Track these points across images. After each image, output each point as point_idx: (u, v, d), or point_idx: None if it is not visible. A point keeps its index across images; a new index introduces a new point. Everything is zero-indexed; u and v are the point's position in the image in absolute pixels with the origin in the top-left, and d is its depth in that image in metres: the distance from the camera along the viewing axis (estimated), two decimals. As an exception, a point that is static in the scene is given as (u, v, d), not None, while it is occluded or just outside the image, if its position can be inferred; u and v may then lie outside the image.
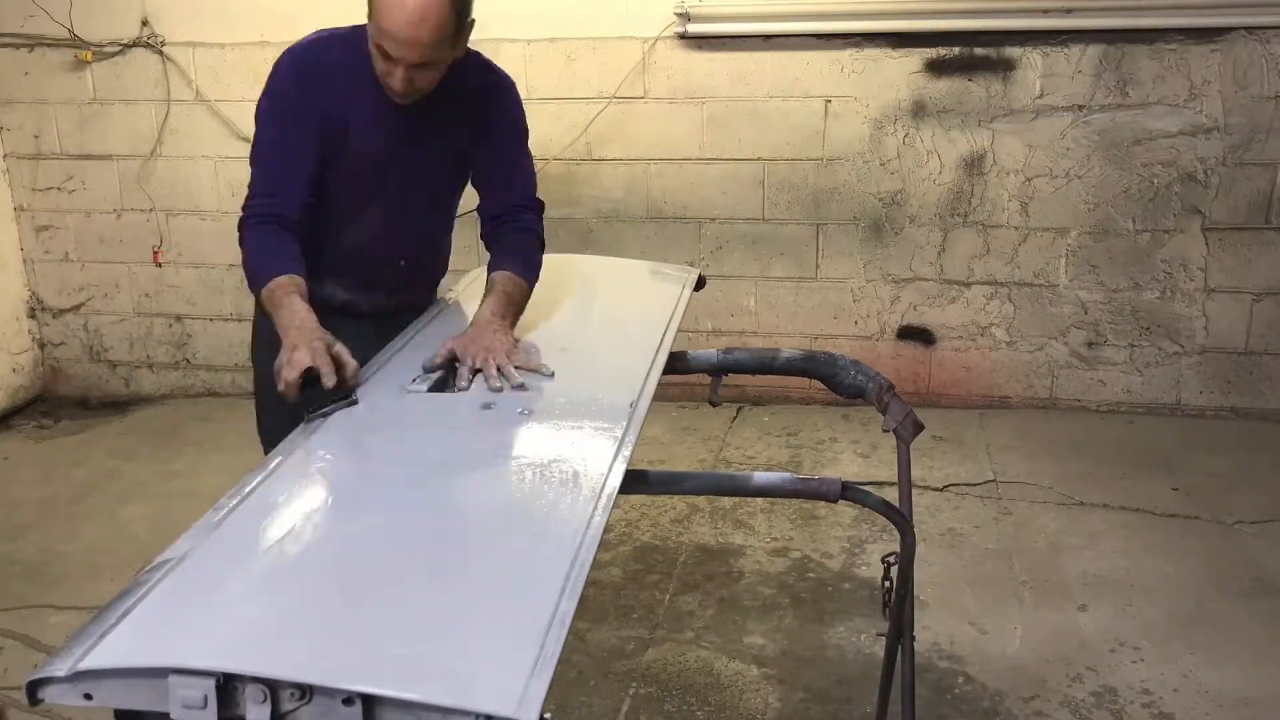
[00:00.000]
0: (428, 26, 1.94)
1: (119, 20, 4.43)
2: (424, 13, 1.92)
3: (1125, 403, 4.29)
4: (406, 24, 1.92)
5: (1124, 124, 4.01)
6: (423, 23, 1.93)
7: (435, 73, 2.04)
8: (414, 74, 2.00)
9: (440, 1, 1.93)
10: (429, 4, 1.92)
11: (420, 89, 2.05)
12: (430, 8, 1.92)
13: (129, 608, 1.24)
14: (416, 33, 1.93)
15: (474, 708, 1.07)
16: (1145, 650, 2.82)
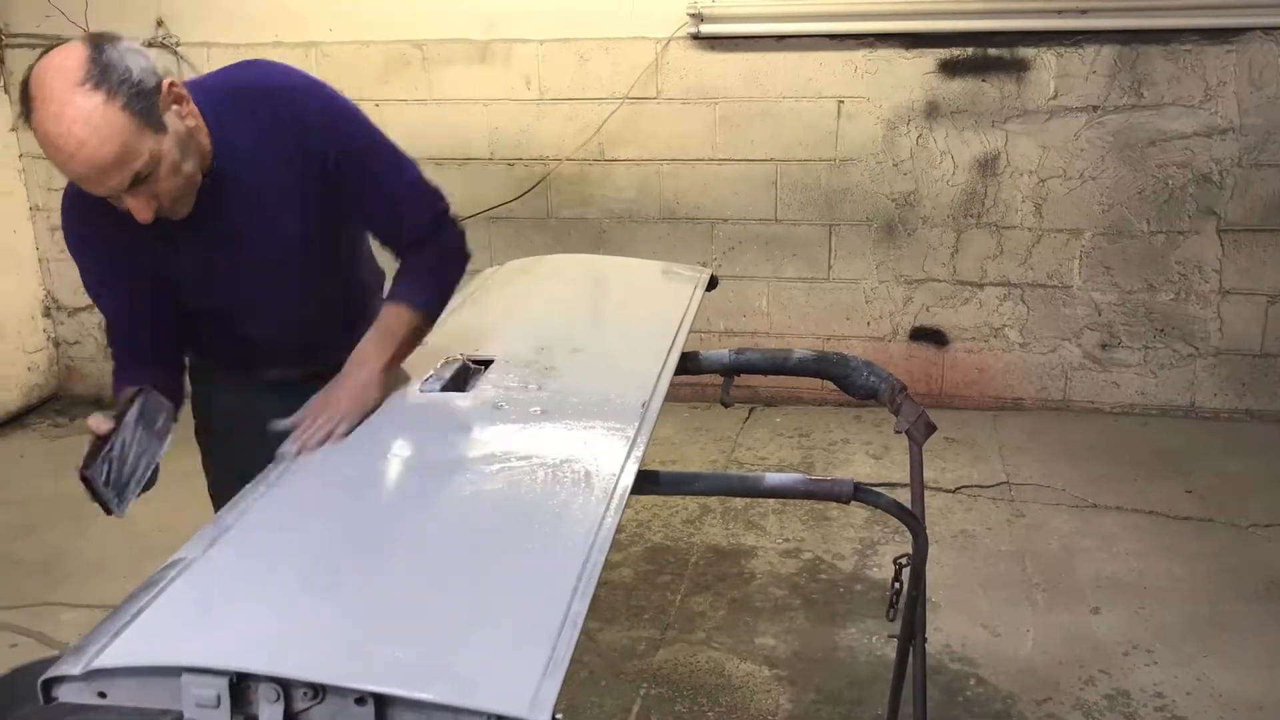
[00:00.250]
0: (95, 146, 1.50)
1: (134, 21, 4.45)
2: (78, 136, 1.50)
3: (1139, 405, 4.27)
4: (73, 160, 1.52)
5: (1139, 125, 4.00)
6: (84, 146, 1.50)
7: (170, 169, 1.60)
8: (145, 192, 1.59)
9: (86, 111, 1.49)
10: (73, 123, 1.49)
11: (172, 194, 1.63)
12: (77, 125, 1.49)
13: (142, 607, 1.25)
14: (90, 160, 1.51)
15: (486, 708, 1.07)
16: (1159, 653, 2.81)
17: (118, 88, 1.52)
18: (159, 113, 1.57)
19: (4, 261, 4.58)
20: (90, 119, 1.50)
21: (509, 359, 2.00)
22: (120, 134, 1.52)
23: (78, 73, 1.50)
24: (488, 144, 4.41)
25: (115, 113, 1.51)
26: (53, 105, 1.50)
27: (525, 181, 4.40)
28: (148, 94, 1.55)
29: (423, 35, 4.32)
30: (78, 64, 1.51)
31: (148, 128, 1.55)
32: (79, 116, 1.49)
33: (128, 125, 1.52)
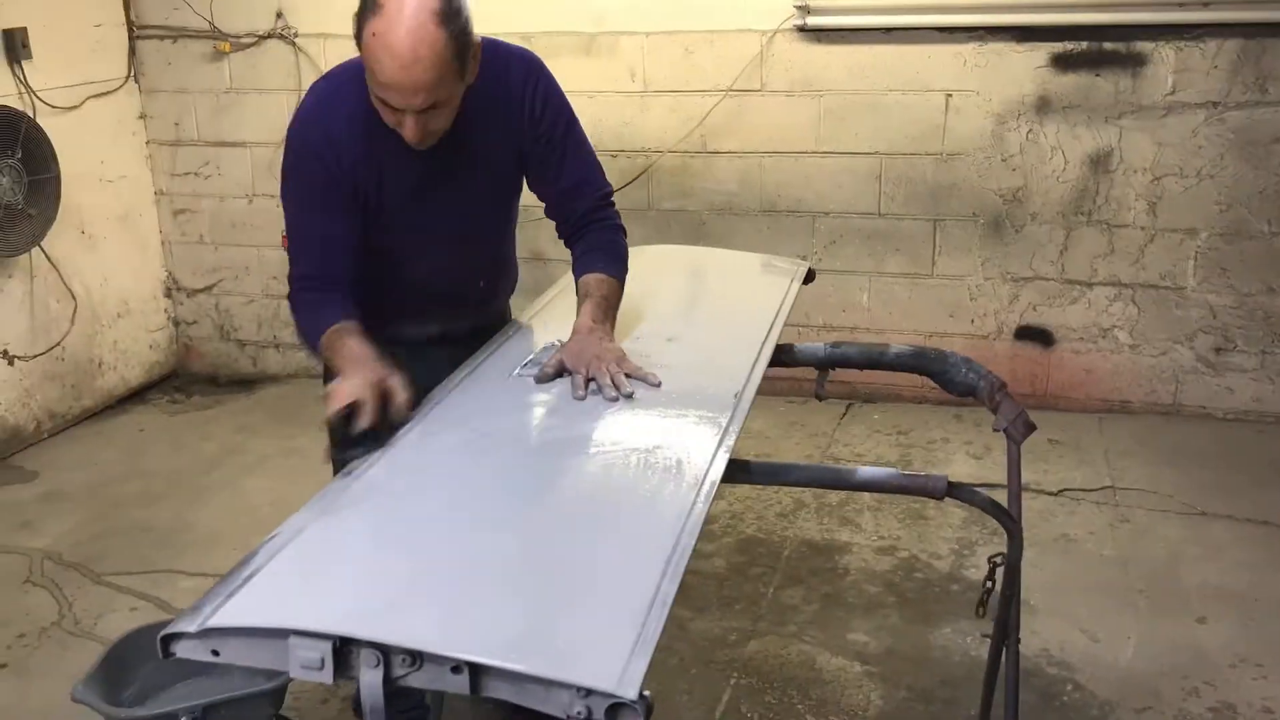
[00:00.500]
0: (425, 67, 1.74)
1: (255, 13, 4.61)
2: (416, 53, 1.73)
3: (1254, 412, 4.13)
4: (401, 70, 1.74)
5: (1262, 122, 3.85)
6: (417, 64, 1.74)
7: (449, 110, 1.86)
8: (426, 119, 1.83)
9: (432, 37, 1.73)
10: (420, 42, 1.72)
11: (437, 131, 1.88)
12: (423, 46, 1.73)
13: (255, 571, 1.31)
14: (415, 77, 1.75)
15: (576, 681, 1.10)
16: (1269, 667, 2.72)
17: (459, 32, 1.76)
18: (469, 59, 1.83)
19: (130, 243, 4.79)
20: (434, 46, 1.73)
21: (607, 346, 2.02)
22: (446, 68, 1.76)
23: (438, 8, 1.73)
24: (591, 135, 4.41)
25: (450, 51, 1.75)
26: (408, 19, 1.71)
27: (627, 173, 4.44)
28: (471, 46, 1.82)
29: (531, 28, 4.38)
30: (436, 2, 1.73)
31: (461, 72, 1.81)
32: (426, 39, 1.72)
33: (452, 64, 1.77)
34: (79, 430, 4.47)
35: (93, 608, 3.18)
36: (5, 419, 4.22)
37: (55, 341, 4.38)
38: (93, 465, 4.14)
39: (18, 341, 4.23)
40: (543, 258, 4.65)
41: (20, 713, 2.74)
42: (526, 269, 4.58)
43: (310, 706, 2.69)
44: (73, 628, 3.09)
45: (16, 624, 3.10)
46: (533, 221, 2.26)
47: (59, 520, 3.71)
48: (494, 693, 1.16)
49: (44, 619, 3.13)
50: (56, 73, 4.29)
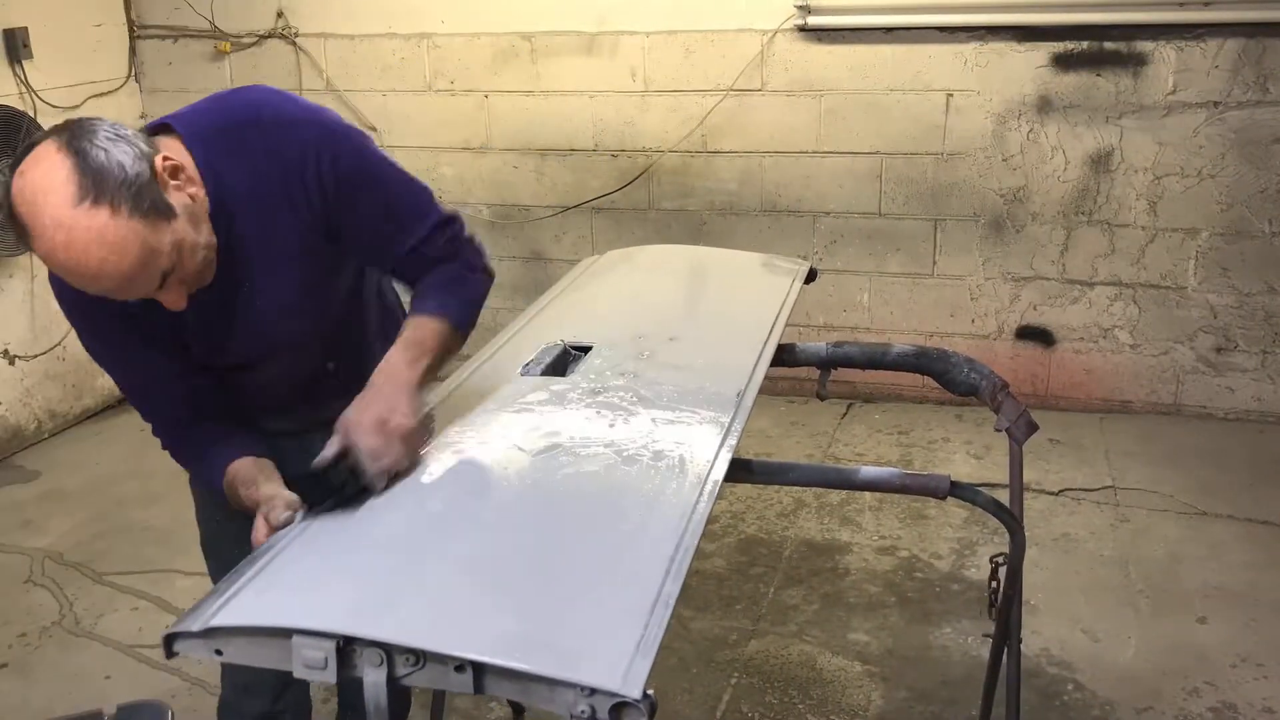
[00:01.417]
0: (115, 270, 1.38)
1: (256, 12, 4.61)
2: (100, 257, 1.36)
3: (1255, 411, 4.13)
4: (99, 280, 1.40)
5: (1263, 122, 3.85)
6: (106, 265, 1.37)
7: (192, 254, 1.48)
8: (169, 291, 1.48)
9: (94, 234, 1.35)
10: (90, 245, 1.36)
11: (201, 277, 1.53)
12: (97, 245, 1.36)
13: (258, 571, 1.31)
14: (117, 279, 1.40)
15: (580, 680, 1.10)
16: (1269, 667, 2.72)
17: (119, 194, 1.37)
18: (164, 198, 1.43)
19: (131, 244, 4.79)
20: (104, 237, 1.35)
21: (607, 346, 2.02)
22: (138, 240, 1.38)
23: (69, 189, 1.35)
24: (592, 135, 4.46)
25: (125, 222, 1.37)
26: (59, 233, 1.35)
27: (628, 173, 4.44)
28: (147, 186, 1.40)
29: (532, 27, 4.39)
30: (65, 179, 1.35)
31: (160, 220, 1.41)
32: (91, 238, 1.35)
33: (141, 228, 1.39)
34: (80, 430, 4.48)
35: (93, 607, 3.18)
36: (6, 419, 4.22)
37: (56, 341, 4.38)
38: (93, 465, 4.14)
39: (18, 341, 4.23)
40: (543, 257, 4.66)
41: (21, 712, 2.74)
42: (526, 269, 4.64)
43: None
44: (73, 627, 3.09)
45: (17, 623, 3.11)
46: (532, 222, 2.25)
47: (60, 520, 3.71)
48: (497, 692, 1.17)
49: (45, 618, 3.13)
50: (57, 72, 4.29)
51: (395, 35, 4.51)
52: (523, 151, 4.53)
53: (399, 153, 4.62)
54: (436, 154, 4.62)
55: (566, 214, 4.54)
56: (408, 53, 4.53)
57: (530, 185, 4.56)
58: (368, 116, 4.61)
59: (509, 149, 4.54)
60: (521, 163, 4.54)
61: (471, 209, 4.64)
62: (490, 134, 4.54)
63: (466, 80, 4.51)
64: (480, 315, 1.79)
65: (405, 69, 4.55)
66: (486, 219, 4.62)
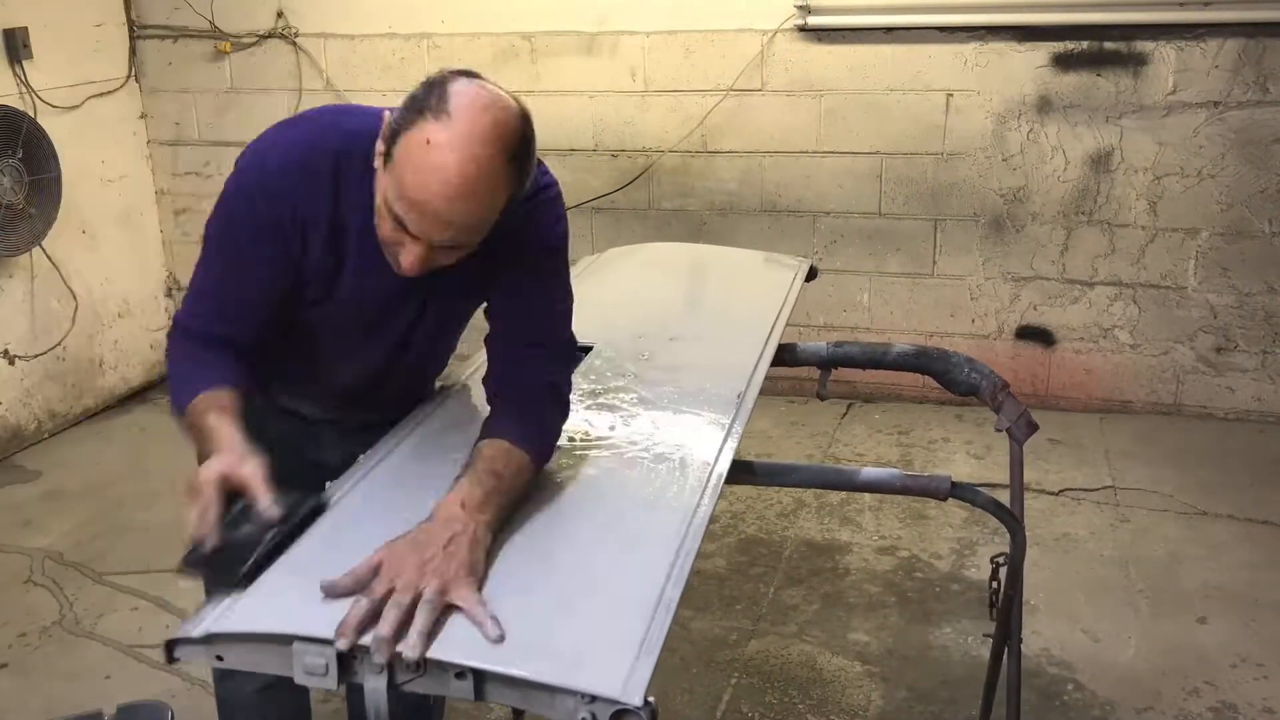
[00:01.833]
0: (474, 205, 1.39)
1: (256, 12, 4.61)
2: (471, 186, 1.37)
3: (1256, 411, 4.13)
4: (444, 199, 1.37)
5: (1263, 122, 3.85)
6: (468, 199, 1.38)
7: (466, 251, 1.49)
8: (436, 254, 1.46)
9: (498, 175, 1.39)
10: (481, 175, 1.37)
11: (434, 267, 1.49)
12: (482, 181, 1.38)
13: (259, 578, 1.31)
14: (456, 212, 1.39)
15: (580, 688, 1.10)
16: (1270, 667, 2.73)
17: (522, 175, 1.44)
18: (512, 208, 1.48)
19: (131, 243, 4.79)
20: (494, 186, 1.39)
21: (608, 346, 2.03)
22: (493, 212, 1.43)
23: (513, 136, 1.41)
24: (592, 135, 4.45)
25: (505, 194, 1.43)
26: (475, 146, 1.36)
27: (628, 172, 4.44)
28: (523, 188, 1.48)
29: (532, 27, 4.38)
30: (517, 126, 1.42)
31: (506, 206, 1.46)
32: (489, 176, 1.38)
33: (499, 208, 1.44)
34: (80, 430, 4.47)
35: (94, 607, 3.18)
36: (6, 418, 4.21)
37: (56, 341, 4.38)
38: (94, 465, 4.14)
39: (18, 341, 4.23)
40: (543, 257, 4.64)
41: (21, 712, 2.74)
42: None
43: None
44: (73, 627, 3.09)
45: (17, 623, 3.11)
46: (534, 222, 2.27)
47: (60, 520, 3.71)
48: (497, 699, 1.17)
49: (45, 618, 3.13)
50: (57, 72, 4.29)
51: (395, 35, 4.51)
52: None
53: (399, 152, 4.63)
54: (436, 154, 4.61)
55: (566, 213, 4.53)
56: (408, 53, 4.53)
57: (530, 185, 4.55)
58: (367, 116, 4.61)
59: (509, 149, 4.53)
60: (521, 162, 4.53)
61: (471, 209, 4.63)
62: (490, 134, 4.53)
63: (466, 80, 4.50)
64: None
65: (405, 69, 4.54)
66: (486, 219, 4.62)
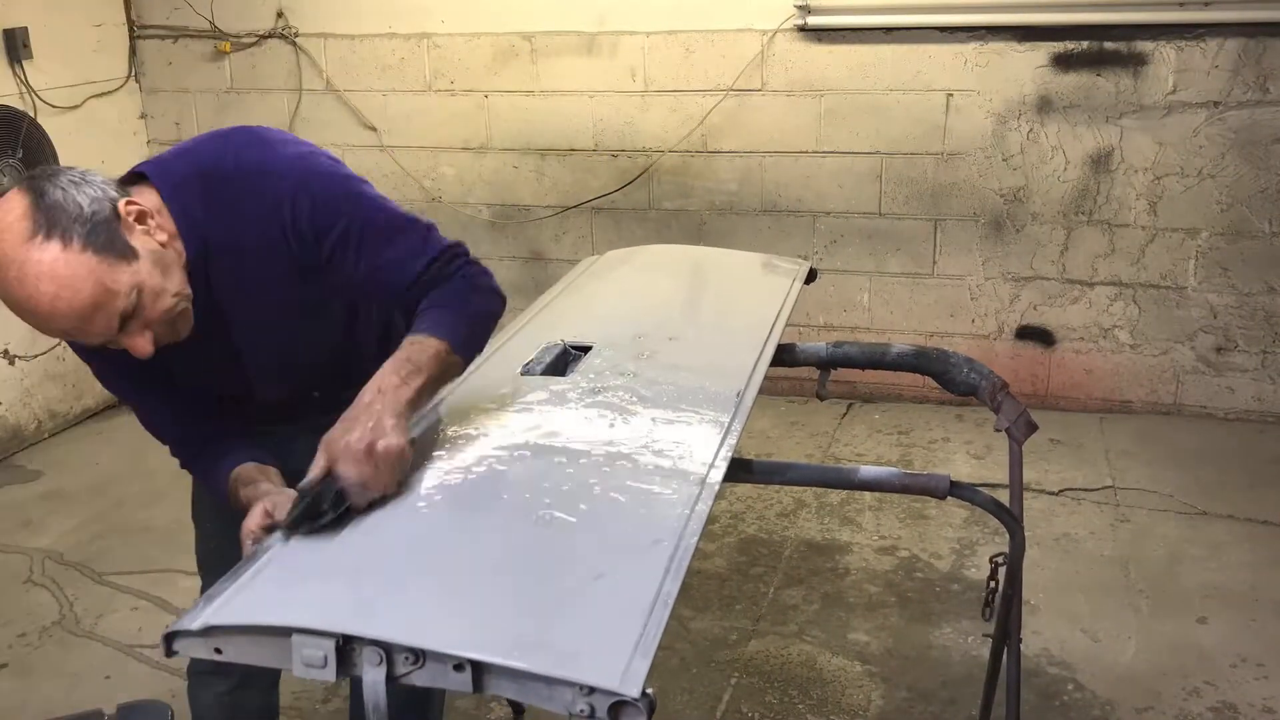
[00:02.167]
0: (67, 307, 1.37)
1: (256, 12, 4.61)
2: (51, 293, 1.36)
3: (1255, 411, 4.13)
4: (53, 318, 1.39)
5: (1263, 122, 3.85)
6: (58, 302, 1.37)
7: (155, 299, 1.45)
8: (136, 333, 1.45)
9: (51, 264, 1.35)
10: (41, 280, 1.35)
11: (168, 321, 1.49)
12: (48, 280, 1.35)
13: (257, 570, 1.31)
14: (71, 317, 1.38)
15: (579, 679, 1.10)
16: (1270, 667, 2.72)
17: (71, 228, 1.37)
18: (124, 239, 1.42)
19: (131, 244, 4.79)
20: (55, 271, 1.35)
21: (608, 345, 2.03)
22: (91, 276, 1.37)
23: (23, 225, 1.36)
24: (592, 135, 4.46)
25: (77, 256, 1.36)
26: (11, 269, 1.36)
27: (628, 173, 4.44)
28: (106, 223, 1.40)
29: (532, 27, 4.39)
30: (20, 216, 1.36)
31: (118, 259, 1.40)
32: (42, 272, 1.35)
33: (96, 264, 1.37)
34: (80, 430, 4.48)
35: (94, 607, 3.18)
36: (6, 418, 4.22)
37: (56, 341, 4.37)
38: (93, 465, 4.14)
39: (18, 341, 4.23)
40: (543, 257, 4.66)
41: (21, 712, 2.74)
42: (526, 269, 4.64)
43: (310, 707, 2.70)
44: (74, 627, 3.09)
45: (18, 623, 3.11)
46: (532, 222, 2.24)
47: (60, 520, 3.71)
48: (496, 691, 1.17)
49: (45, 618, 3.13)
50: (57, 72, 4.29)
51: (395, 35, 4.51)
52: (523, 151, 4.53)
53: (399, 153, 4.64)
54: (436, 154, 4.62)
55: (566, 214, 4.55)
56: (408, 53, 4.53)
57: (530, 185, 4.56)
58: (368, 116, 4.61)
59: (509, 149, 4.54)
60: (521, 163, 4.54)
61: (471, 209, 4.64)
62: (490, 134, 4.54)
63: (466, 80, 4.51)
64: None
65: (405, 69, 4.55)
66: (486, 219, 4.62)
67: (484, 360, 1.97)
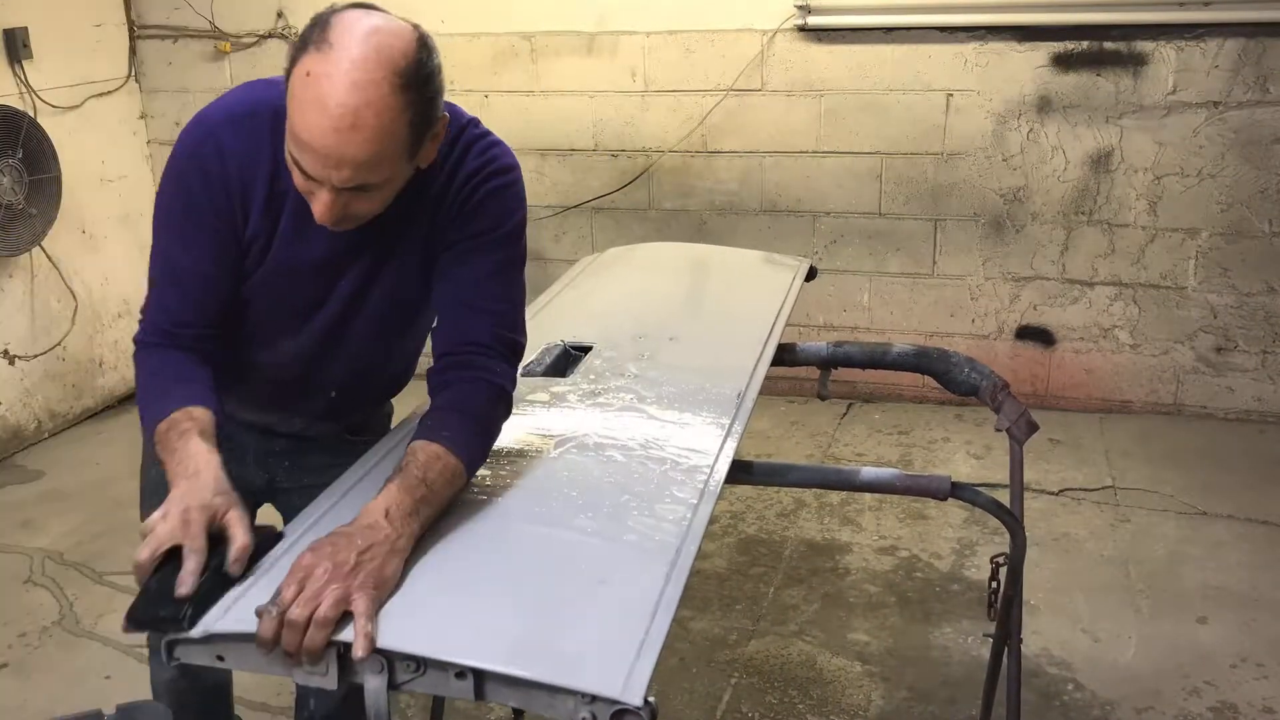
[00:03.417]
0: (363, 139, 1.31)
1: (255, 12, 4.61)
2: (356, 117, 1.29)
3: (1256, 411, 4.13)
4: (330, 134, 1.30)
5: (1263, 122, 3.85)
6: (354, 131, 1.30)
7: (382, 195, 1.42)
8: (347, 199, 1.39)
9: (384, 102, 1.30)
10: (365, 105, 1.29)
11: (358, 217, 1.44)
12: (367, 111, 1.29)
13: (258, 577, 1.31)
14: (346, 147, 1.31)
15: (581, 688, 1.10)
16: (1270, 667, 2.73)
17: (420, 103, 1.34)
18: (424, 145, 1.41)
19: (130, 243, 4.78)
20: (381, 115, 1.30)
21: (608, 346, 2.03)
22: (389, 145, 1.33)
23: (401, 59, 1.31)
24: (592, 135, 4.45)
25: (402, 125, 1.33)
26: (355, 72, 1.29)
27: (628, 172, 4.44)
28: (431, 122, 1.39)
29: (532, 28, 4.38)
30: (405, 49, 1.32)
31: (410, 153, 1.38)
32: (374, 102, 1.29)
33: (401, 142, 1.35)
34: (80, 430, 4.47)
35: (94, 607, 3.18)
36: (6, 418, 4.21)
37: (56, 341, 4.38)
38: (94, 465, 4.14)
39: (18, 341, 4.23)
40: (543, 257, 4.66)
41: (21, 712, 2.74)
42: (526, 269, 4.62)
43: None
44: (74, 627, 3.09)
45: (18, 623, 3.11)
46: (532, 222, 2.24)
47: (60, 519, 3.71)
48: (497, 699, 1.17)
49: (45, 618, 3.13)
50: (57, 72, 4.29)
51: (395, 35, 4.50)
52: (522, 151, 4.50)
53: (399, 152, 4.64)
54: (436, 154, 4.62)
55: (566, 214, 4.54)
56: (407, 52, 4.52)
57: (530, 185, 4.51)
58: (367, 116, 4.61)
59: (509, 149, 4.53)
60: (521, 162, 4.50)
61: (471, 209, 4.63)
62: (490, 134, 4.53)
63: (466, 80, 4.50)
64: None
65: (405, 69, 4.54)
66: (486, 219, 4.62)
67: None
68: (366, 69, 1.29)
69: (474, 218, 1.55)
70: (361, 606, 1.19)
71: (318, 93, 1.29)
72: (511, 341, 1.59)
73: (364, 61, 1.29)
